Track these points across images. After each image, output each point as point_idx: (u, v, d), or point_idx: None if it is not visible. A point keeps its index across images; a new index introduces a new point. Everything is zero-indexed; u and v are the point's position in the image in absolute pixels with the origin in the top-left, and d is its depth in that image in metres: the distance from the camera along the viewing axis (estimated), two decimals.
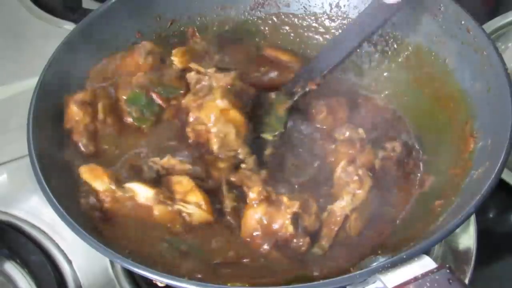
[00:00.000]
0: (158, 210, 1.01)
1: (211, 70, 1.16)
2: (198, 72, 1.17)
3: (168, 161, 1.06)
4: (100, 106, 1.11)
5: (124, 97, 1.15)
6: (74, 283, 1.15)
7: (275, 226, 0.99)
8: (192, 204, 1.01)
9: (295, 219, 0.99)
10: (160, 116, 1.15)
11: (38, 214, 1.23)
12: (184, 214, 1.01)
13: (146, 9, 1.28)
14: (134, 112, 1.13)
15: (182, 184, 1.03)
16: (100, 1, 1.59)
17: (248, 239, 1.00)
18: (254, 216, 0.99)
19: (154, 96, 1.15)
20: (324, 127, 1.17)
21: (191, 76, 1.17)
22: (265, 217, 0.99)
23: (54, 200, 0.94)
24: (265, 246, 0.99)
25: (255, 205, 0.99)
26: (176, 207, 1.01)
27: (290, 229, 0.98)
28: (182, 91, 1.16)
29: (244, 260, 0.99)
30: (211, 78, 1.14)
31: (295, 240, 0.99)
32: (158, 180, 1.05)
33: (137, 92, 1.14)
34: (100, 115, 1.11)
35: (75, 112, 1.09)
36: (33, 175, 0.97)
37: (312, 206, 1.02)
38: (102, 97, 1.13)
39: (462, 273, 1.13)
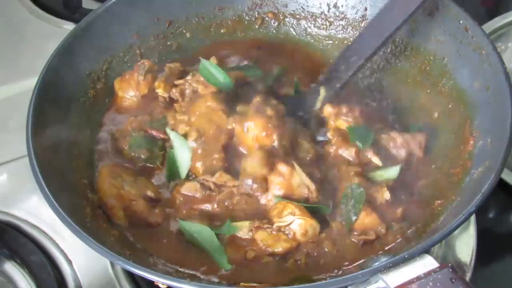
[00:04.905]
0: (259, 237, 1.01)
1: (190, 77, 1.19)
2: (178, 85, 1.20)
3: (220, 177, 1.06)
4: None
5: (125, 147, 1.15)
6: (74, 283, 1.15)
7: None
8: (288, 216, 1.00)
9: None
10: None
11: (38, 214, 1.23)
12: (285, 230, 1.00)
13: (144, 10, 1.29)
14: (143, 154, 1.14)
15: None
16: (100, 1, 1.59)
17: None
18: None
19: (153, 133, 1.16)
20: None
21: (176, 92, 1.19)
22: None
23: (54, 201, 0.94)
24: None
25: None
26: (276, 225, 1.00)
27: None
28: None
29: None
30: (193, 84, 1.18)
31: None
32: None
33: (136, 135, 1.15)
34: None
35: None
36: (33, 175, 0.97)
37: None
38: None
39: (462, 273, 1.13)
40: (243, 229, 1.01)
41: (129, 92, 1.21)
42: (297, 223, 0.99)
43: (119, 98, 1.22)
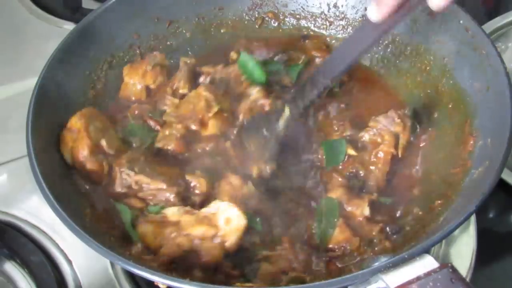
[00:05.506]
0: (184, 219, 0.99)
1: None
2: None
3: (141, 178, 1.06)
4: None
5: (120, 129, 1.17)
6: (74, 283, 1.14)
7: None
8: (216, 202, 1.00)
9: None
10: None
11: (38, 214, 1.23)
12: (210, 216, 0.99)
13: (144, 10, 1.29)
14: (135, 142, 1.15)
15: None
16: (100, 1, 1.59)
17: None
18: None
19: (151, 122, 1.17)
20: None
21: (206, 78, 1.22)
22: None
23: (54, 201, 0.94)
24: None
25: None
26: (202, 210, 1.00)
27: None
28: None
29: None
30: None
31: None
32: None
33: (134, 124, 1.17)
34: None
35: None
36: (33, 175, 0.97)
37: None
38: None
39: (462, 273, 1.13)
40: (174, 212, 1.00)
41: (134, 79, 1.22)
42: (222, 209, 0.98)
43: (125, 83, 1.23)
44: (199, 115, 1.13)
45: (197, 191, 1.06)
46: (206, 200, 1.05)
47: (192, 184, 1.07)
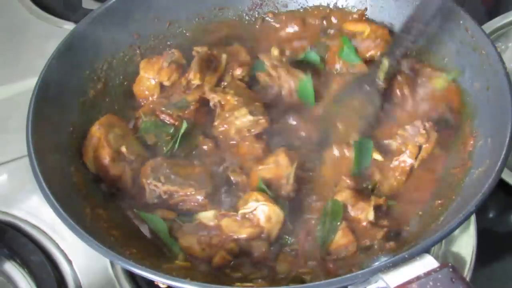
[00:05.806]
0: (224, 223, 1.01)
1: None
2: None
3: (166, 187, 1.06)
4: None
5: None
6: (74, 283, 1.15)
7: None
8: (252, 202, 1.01)
9: None
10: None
11: (38, 214, 1.23)
12: (249, 216, 1.01)
13: (144, 10, 1.28)
14: (149, 139, 1.15)
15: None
16: (100, 1, 1.59)
17: None
18: None
19: (165, 117, 1.17)
20: None
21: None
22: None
23: (54, 201, 0.94)
24: None
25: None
26: (240, 212, 1.01)
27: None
28: (193, 104, 1.17)
29: None
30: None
31: None
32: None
33: (147, 121, 1.17)
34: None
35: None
36: (33, 175, 0.97)
37: None
38: None
39: (462, 273, 1.13)
40: (209, 217, 1.02)
41: (149, 74, 1.22)
42: (260, 209, 1.00)
43: (140, 77, 1.24)
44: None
45: (239, 188, 1.08)
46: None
47: (234, 182, 1.09)
